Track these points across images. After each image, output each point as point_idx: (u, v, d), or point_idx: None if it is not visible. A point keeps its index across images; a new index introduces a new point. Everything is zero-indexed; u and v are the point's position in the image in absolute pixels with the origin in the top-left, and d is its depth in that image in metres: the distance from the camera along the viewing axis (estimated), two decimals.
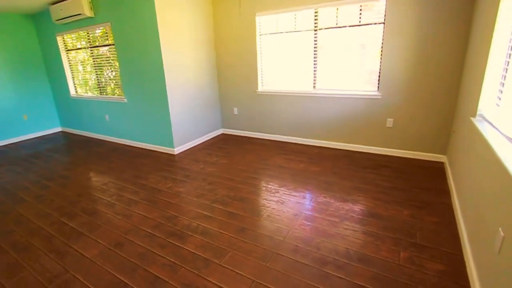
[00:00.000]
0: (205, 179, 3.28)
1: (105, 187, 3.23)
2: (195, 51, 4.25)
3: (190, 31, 4.11)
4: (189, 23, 4.06)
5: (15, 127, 5.38)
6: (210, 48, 4.56)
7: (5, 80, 5.14)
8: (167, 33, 3.73)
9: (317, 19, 3.78)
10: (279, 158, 3.84)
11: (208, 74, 4.59)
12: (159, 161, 3.94)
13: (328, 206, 2.61)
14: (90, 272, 1.92)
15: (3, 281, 1.90)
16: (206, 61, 4.52)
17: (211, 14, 4.48)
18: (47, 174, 3.73)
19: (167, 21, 3.70)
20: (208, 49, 4.53)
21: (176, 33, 3.88)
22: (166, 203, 2.79)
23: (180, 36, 3.94)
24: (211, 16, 4.49)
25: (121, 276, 1.87)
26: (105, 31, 4.32)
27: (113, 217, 2.59)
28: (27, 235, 2.41)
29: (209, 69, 4.60)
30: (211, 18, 4.49)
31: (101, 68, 4.71)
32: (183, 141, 4.26)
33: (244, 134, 4.92)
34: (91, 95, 5.13)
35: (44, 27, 5.23)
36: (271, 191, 2.94)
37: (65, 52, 5.20)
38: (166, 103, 3.92)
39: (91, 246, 2.20)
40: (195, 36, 4.21)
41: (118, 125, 4.79)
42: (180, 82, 4.05)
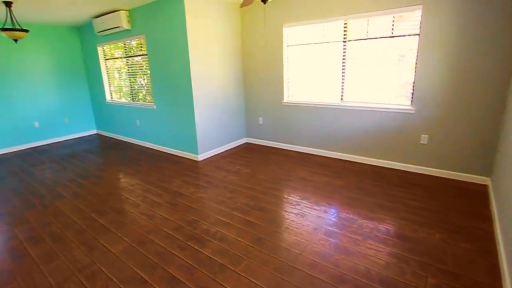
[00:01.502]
0: (226, 186, 3.45)
1: (132, 188, 3.53)
2: (222, 61, 4.52)
3: (218, 42, 4.39)
4: (217, 34, 4.35)
5: (58, 128, 6.04)
6: (237, 58, 4.81)
7: (51, 86, 5.82)
8: (195, 44, 4.03)
9: (346, 30, 3.86)
10: (302, 170, 3.91)
11: (234, 84, 4.84)
12: (183, 166, 4.19)
13: (351, 222, 2.62)
14: (114, 266, 2.14)
15: (42, 266, 2.18)
16: (233, 71, 4.77)
17: (239, 26, 4.76)
18: (82, 173, 4.14)
19: (196, 33, 4.01)
20: (235, 59, 4.78)
21: (205, 43, 4.18)
22: (187, 207, 2.99)
23: (208, 47, 4.24)
24: (239, 27, 4.76)
25: (141, 273, 2.06)
26: (140, 42, 4.76)
27: (137, 217, 2.83)
28: (62, 227, 2.72)
29: (235, 79, 4.85)
30: (239, 29, 4.77)
31: (134, 75, 5.16)
32: (207, 148, 4.50)
33: (268, 144, 5.06)
34: (124, 101, 5.60)
35: (87, 38, 5.87)
36: (292, 203, 3.02)
37: (103, 61, 5.77)
38: (192, 111, 4.20)
39: (116, 242, 2.44)
40: (223, 46, 4.49)
41: (147, 130, 5.18)
42: (206, 91, 4.33)
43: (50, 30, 5.64)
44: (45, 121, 5.83)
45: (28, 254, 2.34)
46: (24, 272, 2.13)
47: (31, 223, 2.82)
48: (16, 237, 2.59)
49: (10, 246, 2.46)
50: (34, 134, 5.72)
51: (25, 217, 2.94)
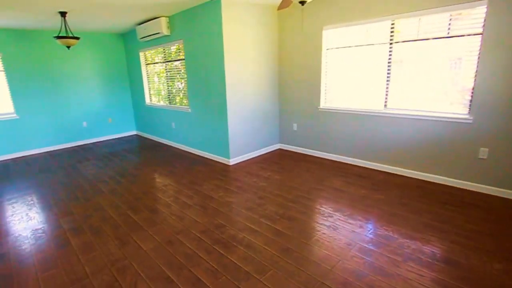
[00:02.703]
0: (256, 193, 3.49)
1: (165, 188, 3.73)
2: (257, 65, 4.61)
3: (254, 46, 4.49)
4: (253, 38, 4.46)
5: (102, 128, 6.62)
6: (273, 62, 4.87)
7: (98, 89, 6.41)
8: (231, 48, 4.17)
9: (393, 31, 3.71)
10: (337, 180, 3.82)
11: (269, 88, 4.90)
12: (214, 170, 4.33)
13: (390, 241, 2.49)
14: (143, 263, 2.28)
15: (80, 256, 2.41)
16: (268, 75, 4.84)
17: (276, 29, 4.81)
18: (121, 171, 4.48)
19: (231, 37, 4.15)
20: (271, 64, 4.85)
21: (240, 48, 4.30)
22: (216, 211, 3.08)
23: (243, 51, 4.36)
24: (276, 31, 4.82)
25: (168, 272, 2.17)
26: (178, 47, 5.04)
27: (168, 217, 2.98)
28: (100, 221, 2.97)
29: (270, 83, 4.91)
30: (276, 33, 4.82)
31: (172, 80, 5.47)
32: (239, 153, 4.60)
33: (301, 151, 5.02)
34: (162, 104, 5.96)
35: (130, 44, 6.38)
36: (324, 214, 2.96)
37: (144, 66, 6.21)
38: (226, 115, 4.33)
39: (148, 239, 2.60)
40: (259, 50, 4.58)
41: (182, 132, 5.45)
42: (240, 95, 4.44)
43: (98, 38, 6.23)
44: (92, 121, 6.43)
45: (69, 244, 2.59)
46: (64, 260, 2.37)
47: (74, 215, 3.12)
48: (60, 227, 2.88)
49: (56, 235, 2.74)
50: (82, 133, 6.32)
51: (70, 209, 3.26)
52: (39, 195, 3.71)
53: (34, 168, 4.83)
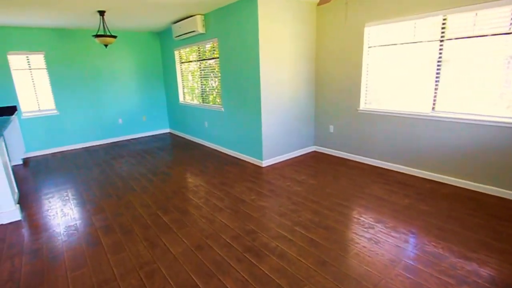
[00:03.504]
0: (290, 197, 3.28)
1: (196, 189, 3.64)
2: (293, 64, 4.39)
3: (290, 44, 4.27)
4: (290, 36, 4.24)
5: (136, 125, 6.75)
6: (309, 61, 4.62)
7: (133, 87, 6.54)
8: (266, 47, 3.99)
9: (444, 27, 3.33)
10: (377, 187, 3.50)
11: (305, 88, 4.66)
12: (246, 171, 4.18)
13: (440, 259, 2.18)
14: (172, 268, 2.17)
15: (109, 256, 2.36)
16: (304, 75, 4.60)
17: (314, 27, 4.56)
18: (153, 169, 4.47)
19: (268, 35, 3.97)
20: (308, 62, 4.60)
21: (276, 46, 4.10)
22: (248, 215, 2.91)
23: (279, 49, 4.16)
24: (314, 28, 4.56)
25: (197, 279, 2.04)
26: (213, 46, 4.96)
27: (198, 219, 2.87)
28: (131, 220, 2.93)
29: (306, 83, 4.66)
30: (314, 30, 4.57)
31: (206, 78, 5.40)
32: (272, 154, 4.41)
33: (338, 155, 4.72)
34: (196, 102, 5.93)
35: (166, 43, 6.43)
36: (364, 225, 2.69)
37: (179, 64, 6.22)
38: (259, 115, 4.16)
39: (177, 243, 2.49)
40: (295, 49, 4.36)
41: (215, 132, 5.36)
42: (275, 95, 4.25)
43: (134, 36, 6.35)
44: (127, 118, 6.57)
45: (100, 243, 2.56)
46: (94, 259, 2.32)
47: (106, 213, 3.11)
48: (92, 225, 2.88)
49: (87, 232, 2.74)
50: (117, 130, 6.49)
51: (102, 206, 3.27)
52: (74, 190, 3.78)
53: (71, 163, 5.00)
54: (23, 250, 2.52)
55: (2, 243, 2.64)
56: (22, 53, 5.20)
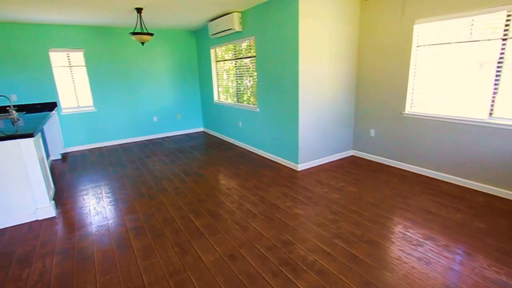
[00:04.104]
0: (328, 206, 3.04)
1: (229, 192, 3.50)
2: (333, 64, 4.11)
3: (331, 42, 4.00)
4: (331, 35, 3.96)
5: (171, 123, 6.78)
6: (351, 60, 4.31)
7: (168, 85, 6.56)
8: (306, 45, 3.75)
9: (509, 24, 2.90)
10: (424, 198, 3.15)
11: (344, 89, 4.35)
12: (280, 175, 3.98)
13: None
14: (203, 278, 2.04)
15: (139, 261, 2.27)
16: (345, 75, 4.29)
17: (357, 24, 4.23)
18: (186, 169, 4.41)
19: (308, 33, 3.73)
20: (348, 62, 4.29)
21: (316, 44, 3.85)
22: (283, 224, 2.72)
23: (319, 48, 3.90)
24: (357, 27, 4.24)
25: None
26: (249, 44, 4.80)
27: (231, 226, 2.72)
28: (162, 222, 2.85)
29: (346, 84, 4.35)
30: (357, 28, 4.24)
31: (241, 77, 5.26)
32: (308, 158, 4.17)
33: (379, 160, 4.37)
34: (230, 102, 5.82)
35: (202, 41, 6.37)
36: (412, 241, 2.40)
37: (214, 63, 6.14)
38: (297, 117, 3.93)
39: (208, 250, 2.36)
40: (336, 48, 4.07)
41: (249, 132, 5.21)
42: (313, 96, 4.00)
43: (171, 34, 6.36)
44: (162, 116, 6.62)
45: (130, 245, 2.49)
46: (124, 264, 2.25)
47: (137, 213, 3.07)
48: (124, 225, 2.83)
49: (118, 233, 2.69)
50: (152, 128, 6.56)
51: (134, 206, 3.23)
52: (108, 188, 3.81)
53: (107, 160, 5.09)
54: (55, 249, 2.50)
55: (36, 240, 2.66)
56: (63, 50, 5.36)
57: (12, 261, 2.36)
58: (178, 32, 6.43)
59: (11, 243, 2.61)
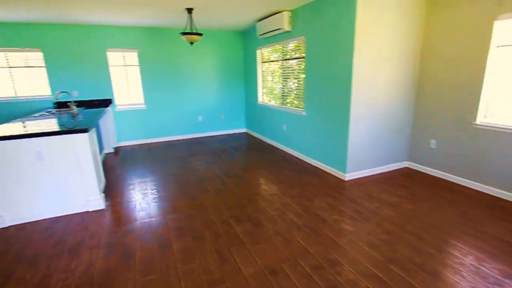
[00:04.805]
0: (380, 224, 2.70)
1: (272, 198, 3.31)
2: (392, 66, 3.70)
3: (391, 43, 3.59)
4: (391, 33, 3.56)
5: (214, 123, 6.81)
6: (412, 63, 3.85)
7: (214, 85, 6.59)
8: (363, 45, 3.41)
9: None
10: (498, 224, 2.66)
11: (402, 93, 3.91)
12: (326, 183, 3.69)
13: None
14: None
15: (179, 265, 2.19)
16: (403, 78, 3.85)
17: (422, 23, 3.75)
18: (227, 170, 4.33)
19: (365, 31, 3.38)
20: (409, 64, 3.83)
21: (374, 45, 3.49)
22: (330, 240, 2.46)
23: (377, 49, 3.52)
24: (422, 25, 3.76)
25: None
26: (297, 45, 4.56)
27: (273, 236, 2.53)
28: (203, 225, 2.76)
29: (405, 87, 3.90)
30: (421, 27, 3.76)
31: (286, 79, 5.05)
32: (357, 167, 3.82)
33: (439, 175, 3.85)
34: (274, 104, 5.64)
35: (249, 42, 6.29)
36: (487, 278, 1.99)
37: (260, 64, 6.01)
38: (347, 122, 3.62)
39: (248, 262, 2.20)
40: (397, 48, 3.66)
41: (293, 136, 4.98)
42: (367, 101, 3.64)
43: (218, 35, 6.37)
44: (206, 116, 6.68)
45: (171, 246, 2.43)
46: (164, 266, 2.18)
47: (179, 213, 3.02)
48: (165, 225, 2.79)
49: (160, 233, 2.65)
50: (197, 127, 6.64)
51: (176, 206, 3.20)
52: (153, 184, 3.85)
53: (154, 156, 5.21)
54: (101, 242, 2.53)
55: (85, 231, 2.72)
56: (119, 50, 5.64)
57: (63, 250, 2.43)
58: (226, 32, 6.42)
59: (64, 232, 2.71)
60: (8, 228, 2.79)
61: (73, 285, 2.01)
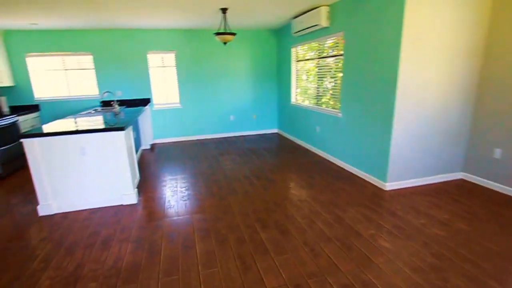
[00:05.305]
0: (427, 244, 2.34)
1: (301, 204, 3.09)
2: (446, 64, 3.24)
3: (445, 36, 3.14)
4: (447, 27, 3.11)
5: (246, 123, 6.73)
6: (472, 59, 3.34)
7: (246, 85, 6.51)
8: (411, 40, 3.03)
9: None
10: None
11: (458, 95, 3.42)
12: (363, 192, 3.36)
13: None
14: None
15: (200, 267, 2.09)
16: (461, 78, 3.36)
17: (488, 10, 3.24)
18: (257, 171, 4.18)
19: (415, 25, 3.00)
20: (468, 61, 3.33)
21: (425, 39, 3.08)
22: (364, 257, 2.18)
23: (428, 44, 3.11)
24: (487, 13, 3.25)
25: None
26: (336, 42, 4.26)
27: (300, 247, 2.32)
28: (227, 228, 2.64)
29: (462, 89, 3.41)
30: (487, 15, 3.25)
31: (322, 78, 4.76)
32: (400, 176, 3.43)
33: (503, 191, 3.27)
34: (307, 104, 5.37)
35: (283, 40, 6.09)
36: None
37: (294, 63, 5.78)
38: (390, 126, 3.26)
39: (272, 272, 2.01)
40: (454, 42, 3.19)
41: (327, 139, 4.68)
42: (414, 103, 3.24)
43: (252, 34, 6.27)
44: (238, 115, 6.62)
45: (194, 247, 2.35)
46: (186, 267, 2.11)
47: (205, 213, 2.93)
48: (192, 224, 2.72)
49: (186, 232, 2.58)
50: (228, 126, 6.62)
51: (204, 206, 3.12)
52: (183, 182, 3.84)
53: (186, 154, 5.24)
54: (131, 236, 2.55)
55: (118, 224, 2.77)
56: (158, 52, 5.86)
57: (97, 241, 2.51)
58: (259, 32, 6.31)
59: (99, 223, 2.81)
60: (54, 216, 2.99)
61: (101, 277, 2.04)
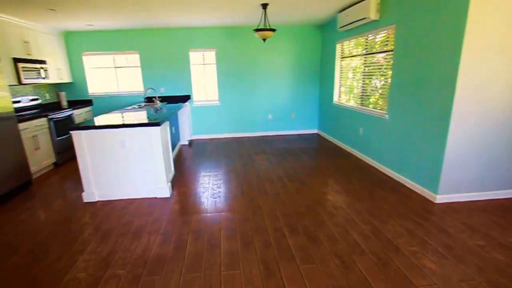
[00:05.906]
0: (483, 269, 1.99)
1: (334, 211, 2.87)
2: None
3: None
4: None
5: (284, 122, 6.57)
6: None
7: (286, 83, 6.34)
8: (477, 32, 2.61)
9: None
10: None
11: None
12: (408, 203, 3.02)
13: None
14: None
15: (223, 268, 2.04)
16: None
17: None
18: (290, 173, 4.02)
19: (482, 13, 2.58)
20: None
21: (495, 29, 2.64)
22: (403, 277, 1.92)
23: (499, 39, 2.66)
24: None
25: None
26: (386, 36, 3.90)
27: (330, 257, 2.13)
28: (254, 230, 2.55)
29: None
30: None
31: (370, 77, 4.41)
32: (454, 188, 3.01)
33: None
34: (351, 104, 5.04)
35: (327, 36, 5.80)
36: None
37: (339, 60, 5.46)
38: (445, 130, 2.87)
39: (296, 282, 1.87)
40: None
41: (370, 141, 4.34)
42: (476, 104, 2.81)
43: (293, 30, 6.07)
44: (277, 114, 6.49)
45: (219, 247, 2.30)
46: (208, 266, 2.06)
47: (234, 213, 2.88)
48: (219, 223, 2.69)
49: (212, 231, 2.55)
50: (266, 125, 6.52)
51: (232, 205, 3.06)
52: (216, 179, 3.84)
53: (221, 151, 5.26)
54: (160, 229, 2.60)
55: (150, 216, 2.85)
56: (200, 50, 5.98)
57: (129, 230, 2.61)
58: (301, 27, 6.08)
59: (134, 213, 2.92)
60: (96, 203, 3.19)
61: (129, 265, 2.11)
